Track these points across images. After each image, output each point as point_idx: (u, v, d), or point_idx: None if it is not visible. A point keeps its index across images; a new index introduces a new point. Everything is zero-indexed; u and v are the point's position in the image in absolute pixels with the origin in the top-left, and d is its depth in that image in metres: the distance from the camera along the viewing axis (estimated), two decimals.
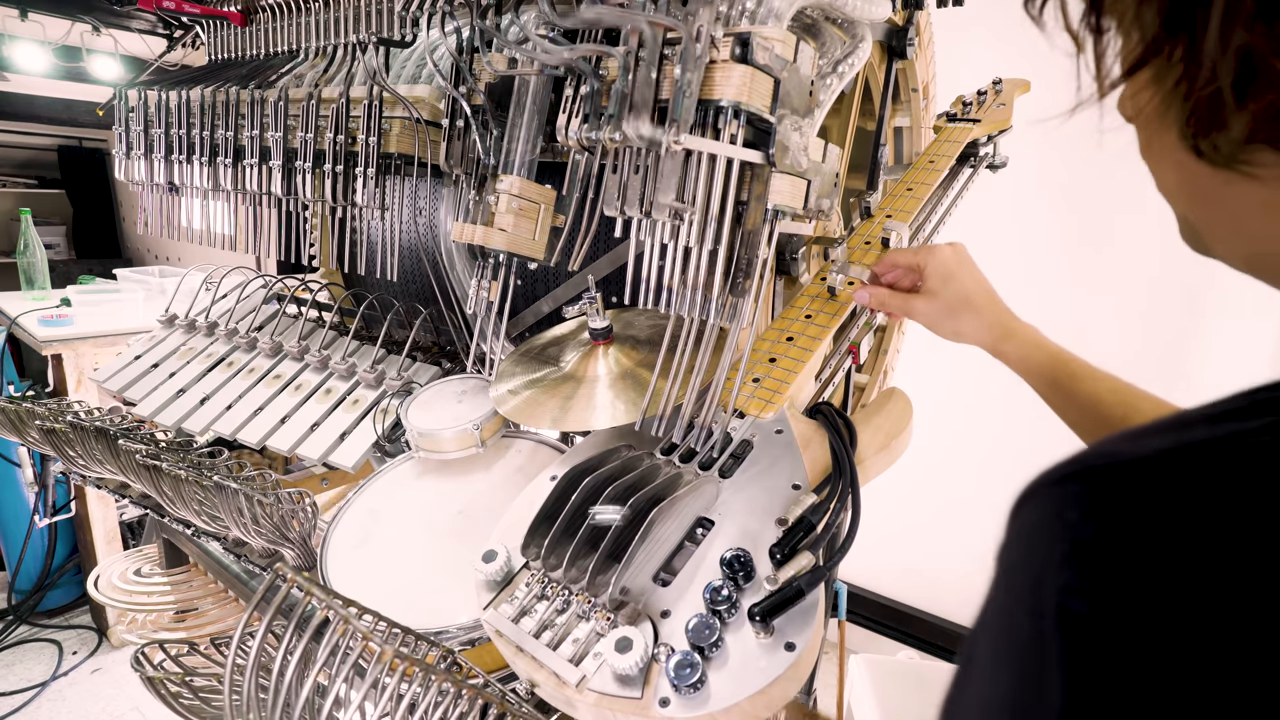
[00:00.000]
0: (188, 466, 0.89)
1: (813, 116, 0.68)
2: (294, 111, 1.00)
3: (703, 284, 0.65)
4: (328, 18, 1.08)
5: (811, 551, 0.57)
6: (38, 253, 2.70)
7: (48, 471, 2.42)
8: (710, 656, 0.53)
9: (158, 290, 2.75)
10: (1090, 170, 2.06)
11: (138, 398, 1.19)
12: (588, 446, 0.77)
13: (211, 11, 1.24)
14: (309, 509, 0.86)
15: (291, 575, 0.63)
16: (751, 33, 0.60)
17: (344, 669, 0.58)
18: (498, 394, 0.84)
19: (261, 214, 1.09)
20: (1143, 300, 1.93)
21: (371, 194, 0.94)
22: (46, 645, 2.59)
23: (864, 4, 0.81)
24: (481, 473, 0.92)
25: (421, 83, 1.02)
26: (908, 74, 1.22)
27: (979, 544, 2.55)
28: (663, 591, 0.59)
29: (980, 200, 1.24)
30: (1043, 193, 2.11)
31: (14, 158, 5.15)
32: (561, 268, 0.96)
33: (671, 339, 0.71)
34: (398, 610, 0.66)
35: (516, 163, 0.81)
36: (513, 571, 0.64)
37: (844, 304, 0.83)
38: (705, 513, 0.64)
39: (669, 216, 0.64)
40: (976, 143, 1.13)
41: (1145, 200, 2.03)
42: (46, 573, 2.67)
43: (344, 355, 1.16)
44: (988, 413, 2.29)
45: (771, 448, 0.69)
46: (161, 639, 0.86)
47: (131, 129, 1.20)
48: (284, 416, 1.09)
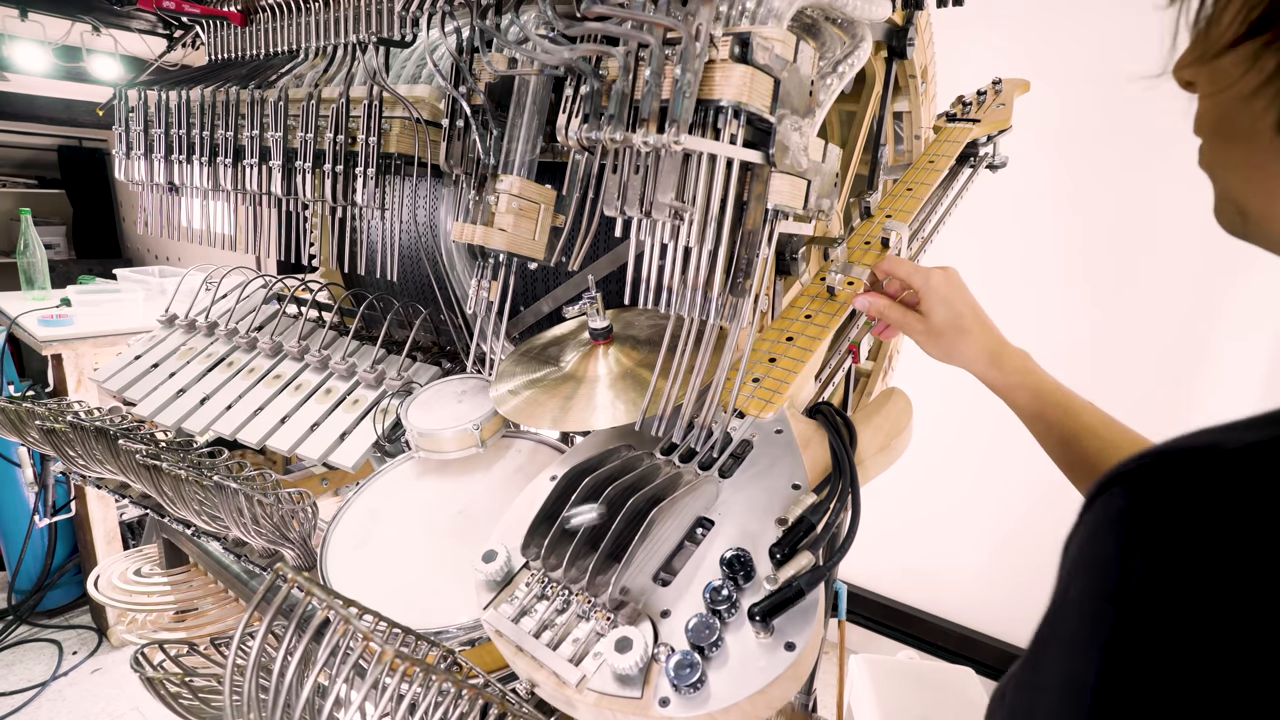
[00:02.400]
0: (188, 466, 0.89)
1: (813, 116, 0.68)
2: (294, 111, 1.00)
3: (703, 284, 0.65)
4: (328, 18, 1.08)
5: (811, 551, 0.57)
6: (38, 253, 2.70)
7: (48, 471, 2.42)
8: (710, 656, 0.53)
9: (158, 290, 2.75)
10: (1092, 174, 2.06)
11: (138, 398, 1.19)
12: (588, 446, 0.77)
13: (211, 11, 1.24)
14: (309, 509, 0.86)
15: (292, 575, 0.63)
16: (751, 33, 0.60)
17: (344, 669, 0.58)
18: (498, 394, 0.84)
19: (261, 214, 1.09)
20: (1144, 303, 1.93)
21: (371, 194, 0.94)
22: (46, 645, 2.59)
23: (864, 4, 0.81)
24: (481, 473, 0.92)
25: (421, 83, 1.02)
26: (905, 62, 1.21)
27: (979, 544, 2.56)
28: (663, 591, 0.59)
29: (983, 204, 1.24)
30: (1047, 198, 2.11)
31: (14, 158, 5.15)
32: (561, 268, 0.96)
33: (671, 339, 0.71)
34: (398, 610, 0.66)
35: (516, 163, 0.81)
36: (513, 571, 0.64)
37: (844, 304, 0.83)
38: (705, 513, 0.64)
39: (669, 216, 0.64)
40: (976, 143, 1.13)
41: (1145, 203, 2.03)
42: (46, 573, 2.67)
43: (344, 355, 1.16)
44: (988, 414, 2.29)
45: (771, 448, 0.69)
46: (161, 639, 0.86)
47: (131, 129, 1.20)
48: (284, 416, 1.09)
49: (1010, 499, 2.29)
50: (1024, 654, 0.33)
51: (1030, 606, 1.56)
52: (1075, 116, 2.04)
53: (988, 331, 0.75)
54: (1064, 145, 2.07)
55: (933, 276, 0.76)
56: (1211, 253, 1.90)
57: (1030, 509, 2.26)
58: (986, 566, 2.37)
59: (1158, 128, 1.94)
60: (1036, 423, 0.72)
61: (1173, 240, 1.95)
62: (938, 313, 0.75)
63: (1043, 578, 1.31)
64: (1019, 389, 0.72)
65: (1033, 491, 2.25)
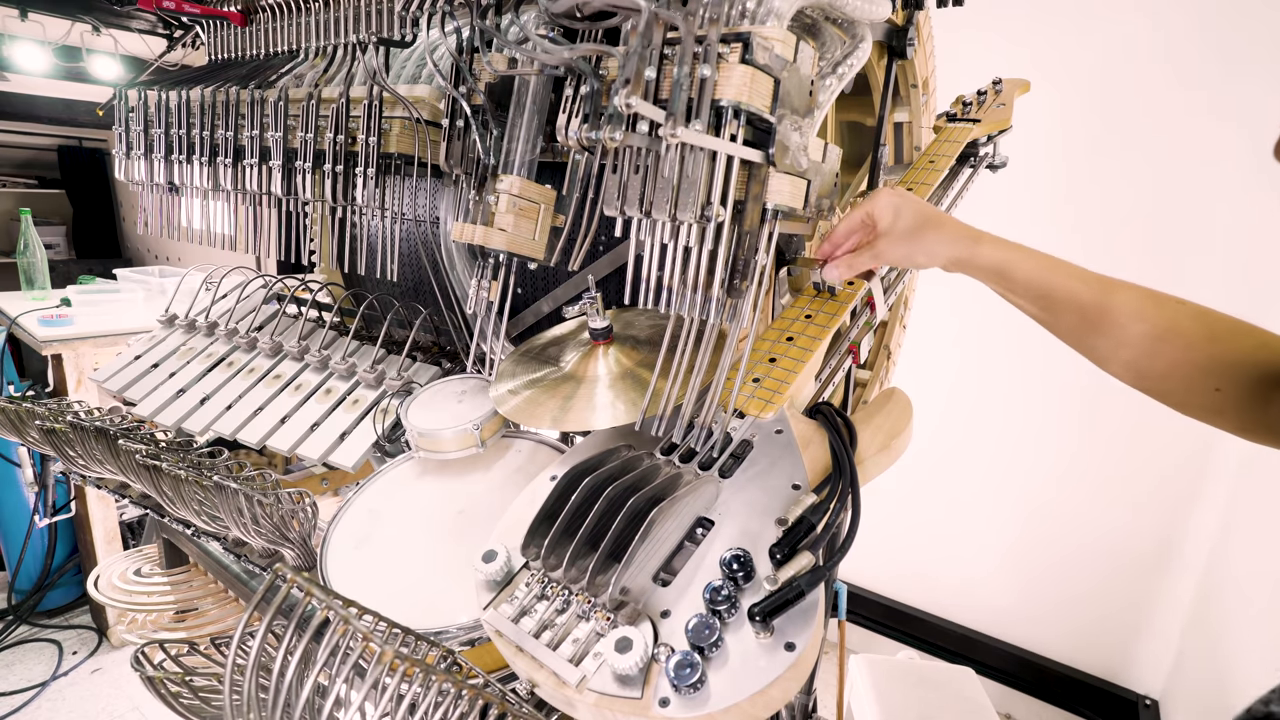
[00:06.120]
0: (188, 466, 0.89)
1: (812, 116, 0.68)
2: (294, 111, 1.00)
3: (702, 284, 0.65)
4: (328, 18, 1.08)
5: (811, 551, 0.57)
6: (38, 253, 2.70)
7: (48, 471, 2.42)
8: (710, 656, 0.53)
9: (158, 290, 2.75)
10: (1092, 175, 2.06)
11: (138, 398, 1.19)
12: (588, 446, 0.77)
13: (211, 11, 1.24)
14: (309, 509, 0.86)
15: (291, 575, 0.63)
16: (751, 32, 0.60)
17: (344, 669, 0.58)
18: (498, 394, 0.84)
19: (261, 214, 1.09)
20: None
21: (371, 194, 0.94)
22: (46, 645, 2.59)
23: (864, 4, 0.81)
24: (481, 473, 0.92)
25: (421, 83, 1.02)
26: (907, 70, 1.22)
27: (979, 545, 2.56)
28: (663, 591, 0.59)
29: (983, 204, 1.24)
30: (1047, 198, 2.11)
31: (14, 158, 5.15)
32: (561, 268, 0.96)
33: (671, 339, 0.71)
34: (398, 610, 0.66)
35: (516, 163, 0.81)
36: (513, 571, 0.64)
37: (844, 304, 0.83)
38: (705, 513, 0.64)
39: (669, 216, 0.64)
40: (976, 143, 1.13)
41: (1145, 203, 2.03)
42: (46, 573, 2.67)
43: (344, 355, 1.16)
44: (988, 414, 2.29)
45: (771, 448, 0.69)
46: (161, 639, 0.86)
47: (131, 129, 1.20)
48: (284, 416, 1.09)
49: (1010, 499, 2.29)
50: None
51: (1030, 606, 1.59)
52: (1077, 117, 2.04)
53: (956, 222, 0.74)
54: (1063, 145, 2.07)
55: (879, 194, 0.76)
56: (1211, 253, 1.90)
57: (1031, 509, 2.26)
58: (987, 567, 2.37)
59: (1158, 128, 1.94)
60: (1035, 291, 0.70)
61: (1173, 240, 1.95)
62: (901, 221, 0.74)
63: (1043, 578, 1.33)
64: (1011, 257, 0.71)
65: (1033, 492, 2.25)
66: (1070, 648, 2.25)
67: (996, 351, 2.20)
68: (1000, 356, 2.20)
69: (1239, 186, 1.85)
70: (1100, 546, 2.14)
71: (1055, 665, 2.26)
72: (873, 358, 1.46)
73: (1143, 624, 2.12)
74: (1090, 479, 2.13)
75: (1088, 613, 2.20)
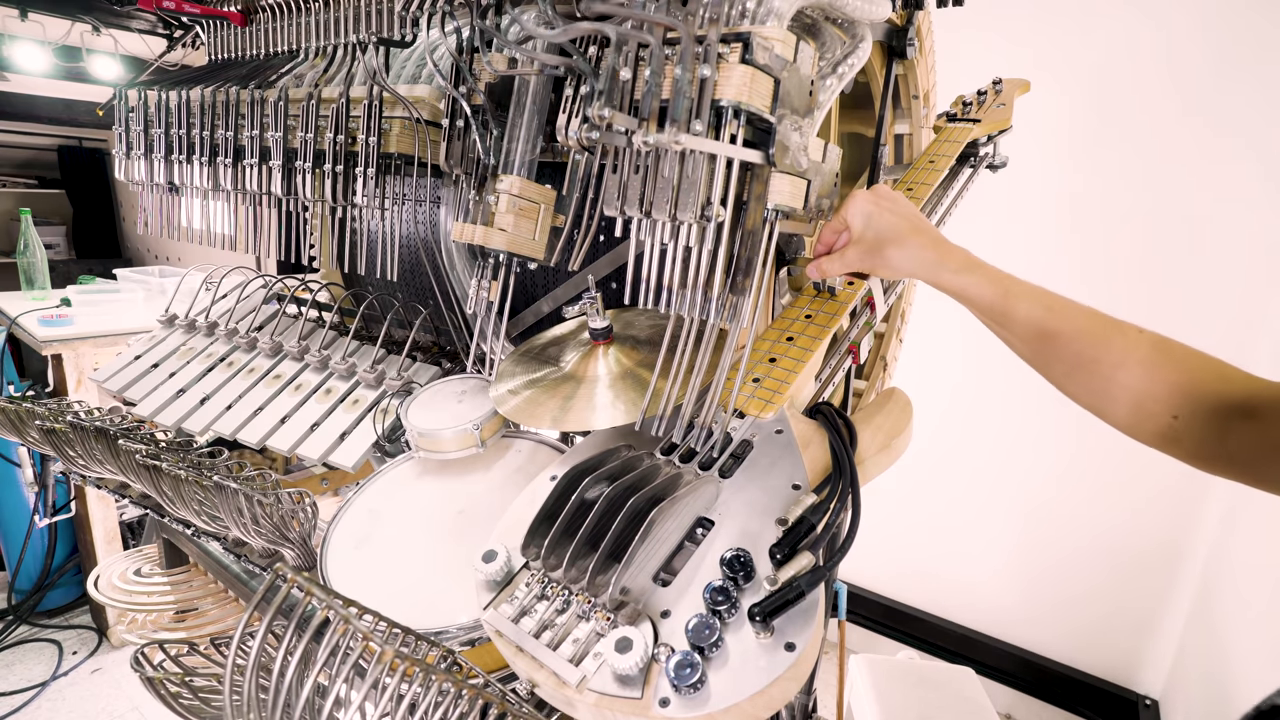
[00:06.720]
0: (188, 466, 0.89)
1: (812, 116, 0.68)
2: (294, 111, 1.00)
3: (703, 284, 0.65)
4: (328, 18, 1.08)
5: (811, 551, 0.57)
6: (38, 253, 2.70)
7: (48, 471, 2.42)
8: (710, 656, 0.53)
9: (158, 290, 2.76)
10: (1093, 176, 2.06)
11: (138, 398, 1.19)
12: (588, 446, 0.77)
13: (211, 11, 1.24)
14: (309, 509, 0.86)
15: (291, 575, 0.63)
16: (751, 32, 0.60)
17: (344, 669, 0.58)
18: (498, 394, 0.84)
19: (261, 214, 1.09)
20: (1145, 304, 1.93)
21: (371, 194, 0.94)
22: (46, 645, 2.59)
23: (864, 4, 0.81)
24: (481, 473, 0.92)
25: (421, 83, 1.02)
26: (908, 80, 1.22)
27: (979, 544, 2.56)
28: (663, 591, 0.59)
29: (983, 204, 1.24)
30: (1047, 199, 2.11)
31: (14, 158, 5.15)
32: (561, 268, 0.96)
33: (671, 339, 0.71)
34: (398, 610, 0.66)
35: (516, 163, 0.81)
36: (513, 571, 0.64)
37: (844, 304, 0.83)
38: (705, 513, 0.64)
39: (669, 216, 0.64)
40: (976, 143, 1.13)
41: (1146, 204, 2.03)
42: (46, 573, 2.67)
43: (344, 355, 1.16)
44: (988, 414, 2.29)
45: (771, 448, 0.69)
46: (161, 639, 0.86)
47: (131, 129, 1.20)
48: (284, 416, 1.09)
49: (1011, 500, 2.29)
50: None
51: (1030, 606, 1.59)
52: (1077, 117, 2.04)
53: (923, 236, 0.72)
54: (1063, 146, 2.07)
55: (855, 197, 0.75)
56: (1211, 253, 1.90)
57: (1031, 509, 2.26)
58: (987, 567, 2.37)
59: (1159, 128, 1.94)
60: (996, 314, 0.70)
61: (1173, 241, 1.95)
62: (869, 230, 0.73)
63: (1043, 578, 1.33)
64: (974, 281, 0.70)
65: (1033, 492, 2.25)
66: (1070, 648, 2.25)
67: (997, 351, 2.20)
68: (1000, 356, 2.19)
69: (1239, 187, 1.85)
70: (1101, 546, 2.14)
71: (1055, 665, 2.26)
72: (869, 369, 1.46)
73: (1143, 624, 2.12)
74: (1090, 479, 2.13)
75: (1088, 613, 2.20)
